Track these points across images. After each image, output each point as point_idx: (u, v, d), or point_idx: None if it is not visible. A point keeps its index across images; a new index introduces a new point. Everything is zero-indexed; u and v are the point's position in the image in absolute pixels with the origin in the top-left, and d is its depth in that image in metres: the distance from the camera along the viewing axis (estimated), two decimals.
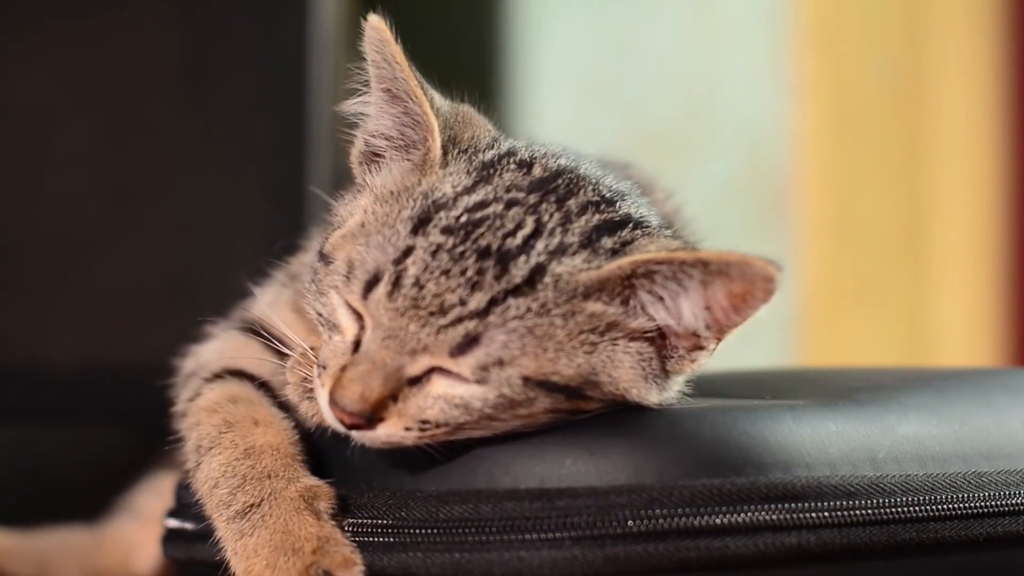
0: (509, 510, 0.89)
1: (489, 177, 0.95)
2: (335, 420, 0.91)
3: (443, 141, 0.97)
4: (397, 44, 0.96)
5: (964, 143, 2.70)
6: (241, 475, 0.95)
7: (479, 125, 1.01)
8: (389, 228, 0.93)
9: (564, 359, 0.90)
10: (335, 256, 0.95)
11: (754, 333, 0.94)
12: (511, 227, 0.91)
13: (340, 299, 0.93)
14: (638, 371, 0.92)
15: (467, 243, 0.90)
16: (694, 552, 0.88)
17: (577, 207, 0.94)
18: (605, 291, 0.91)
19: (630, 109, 2.50)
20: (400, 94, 0.97)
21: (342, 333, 0.93)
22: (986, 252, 2.74)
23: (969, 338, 2.70)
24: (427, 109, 0.96)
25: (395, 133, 0.99)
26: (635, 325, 0.92)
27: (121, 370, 1.11)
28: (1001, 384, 1.06)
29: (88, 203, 1.71)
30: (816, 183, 2.57)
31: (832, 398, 0.98)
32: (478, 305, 0.89)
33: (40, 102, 1.71)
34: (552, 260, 0.91)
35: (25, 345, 1.70)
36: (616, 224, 0.94)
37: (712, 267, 0.89)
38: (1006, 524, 0.95)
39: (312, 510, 0.93)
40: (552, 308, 0.90)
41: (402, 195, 0.95)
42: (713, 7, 2.55)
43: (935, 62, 2.66)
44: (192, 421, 1.02)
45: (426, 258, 0.90)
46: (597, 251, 0.92)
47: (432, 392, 0.90)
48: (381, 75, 0.97)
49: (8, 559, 1.39)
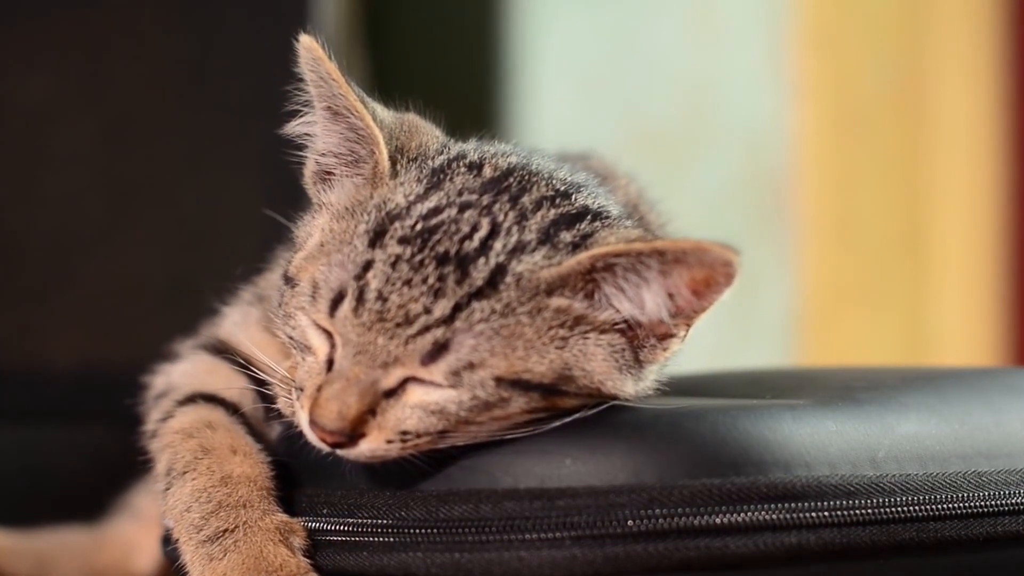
0: (509, 510, 0.89)
1: (440, 183, 0.95)
2: (318, 440, 0.91)
3: (390, 152, 0.97)
4: (332, 61, 0.96)
5: (964, 143, 2.70)
6: (216, 501, 0.95)
7: (426, 132, 1.01)
8: (347, 244, 0.93)
9: (535, 356, 0.90)
10: (299, 278, 0.95)
11: (754, 333, 0.94)
12: (467, 230, 0.91)
13: (308, 320, 0.93)
14: (611, 363, 0.92)
15: (425, 251, 0.90)
16: (694, 552, 0.88)
17: (532, 203, 0.94)
18: (568, 286, 0.91)
19: (630, 109, 2.50)
20: (341, 110, 0.97)
21: (314, 353, 0.93)
22: (986, 252, 2.74)
23: (969, 338, 2.70)
24: (369, 122, 0.96)
25: (342, 149, 0.99)
26: (603, 318, 0.92)
27: (121, 370, 1.11)
28: (1001, 383, 1.06)
29: (88, 203, 1.71)
30: (816, 183, 2.57)
31: (832, 398, 0.98)
32: (443, 312, 0.89)
33: (40, 102, 1.71)
34: (512, 259, 0.91)
35: (25, 345, 1.70)
36: (573, 217, 0.94)
37: (669, 256, 0.89)
38: (1006, 523, 0.95)
39: (287, 544, 0.94)
40: (517, 307, 0.90)
41: (356, 210, 0.95)
42: (713, 7, 2.55)
43: (935, 62, 2.66)
44: (164, 442, 1.01)
45: (386, 270, 0.90)
46: (557, 246, 0.92)
47: (409, 402, 0.90)
48: (320, 94, 0.97)
49: (8, 559, 1.39)
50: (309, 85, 0.98)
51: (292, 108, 0.99)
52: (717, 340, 2.51)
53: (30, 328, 1.70)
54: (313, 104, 0.98)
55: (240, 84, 1.74)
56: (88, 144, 1.71)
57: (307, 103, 0.99)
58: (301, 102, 0.99)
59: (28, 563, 1.40)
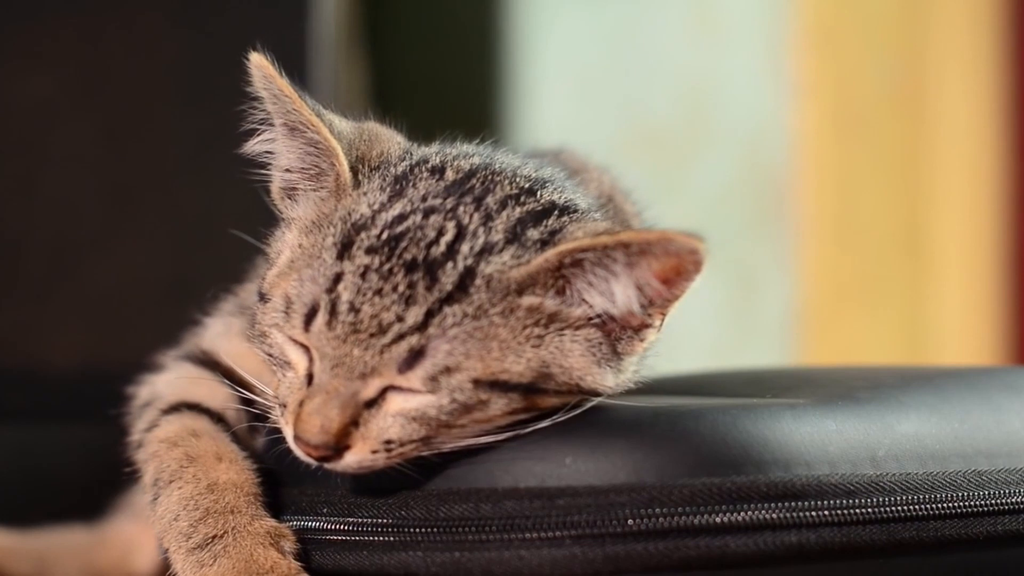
0: (509, 509, 0.89)
1: (404, 189, 0.95)
2: (304, 455, 0.91)
3: (351, 162, 0.96)
4: (283, 78, 0.96)
5: (964, 143, 2.70)
6: (204, 508, 0.95)
7: (387, 139, 1.01)
8: (316, 258, 0.92)
9: (511, 356, 0.90)
10: (272, 295, 0.95)
11: (754, 333, 0.94)
12: (433, 235, 0.91)
13: (284, 336, 0.93)
14: (589, 358, 0.92)
15: (393, 259, 0.90)
16: (694, 551, 0.88)
17: (496, 203, 0.94)
18: (538, 284, 0.91)
19: (630, 108, 2.50)
20: (298, 126, 0.97)
21: (294, 369, 0.93)
22: (986, 252, 2.74)
23: (969, 337, 2.70)
24: (326, 135, 0.96)
25: (304, 164, 0.98)
26: (578, 313, 0.92)
27: (121, 370, 1.11)
28: (1001, 383, 1.06)
29: (88, 203, 1.71)
30: (816, 183, 2.57)
31: (832, 397, 0.98)
32: (416, 319, 0.89)
33: (40, 102, 1.71)
34: (480, 261, 0.90)
35: (25, 345, 1.70)
36: (540, 213, 0.94)
37: (634, 247, 0.89)
38: (1006, 523, 0.95)
39: (277, 547, 0.94)
40: (489, 309, 0.90)
41: (323, 223, 0.95)
42: (713, 6, 2.55)
43: (935, 62, 2.66)
44: (150, 452, 1.02)
45: (356, 281, 0.90)
46: (525, 244, 0.92)
47: (390, 410, 0.90)
48: (275, 111, 0.97)
49: (8, 559, 1.39)
50: (264, 103, 0.97)
51: (250, 127, 0.99)
52: (717, 340, 2.51)
53: (30, 328, 1.70)
54: (269, 121, 0.98)
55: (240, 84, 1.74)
56: (88, 144, 1.71)
57: (264, 121, 0.98)
58: (258, 120, 0.98)
59: (28, 563, 1.40)
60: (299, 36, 1.74)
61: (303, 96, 0.97)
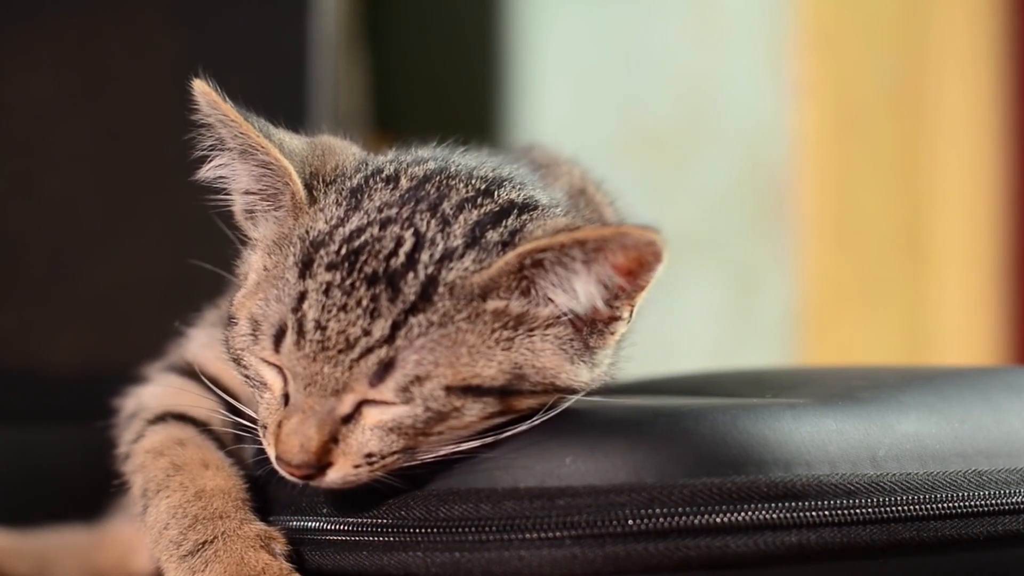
0: (509, 509, 0.89)
1: (359, 202, 0.94)
2: (288, 475, 0.91)
3: (304, 180, 0.96)
4: (227, 102, 0.95)
5: (964, 143, 2.70)
6: (192, 515, 0.95)
7: (342, 152, 1.00)
8: (280, 279, 0.92)
9: (482, 361, 0.90)
10: (239, 317, 0.95)
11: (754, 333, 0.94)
12: (392, 247, 0.91)
13: (256, 358, 0.93)
14: (561, 356, 0.92)
15: (354, 274, 0.90)
16: (694, 551, 0.87)
17: (452, 208, 0.93)
18: (501, 287, 0.90)
19: (630, 109, 2.50)
20: (247, 148, 0.96)
21: (270, 390, 0.93)
22: (986, 252, 2.74)
23: (969, 337, 2.70)
24: (276, 155, 0.95)
25: (259, 186, 0.98)
26: (545, 313, 0.91)
27: (121, 370, 1.11)
28: (1001, 382, 1.06)
29: (88, 203, 1.71)
30: (816, 183, 2.57)
31: (832, 397, 0.98)
32: (382, 332, 0.88)
33: (40, 102, 1.71)
34: (441, 269, 0.90)
35: (25, 345, 1.70)
36: (498, 214, 0.93)
37: (590, 245, 0.89)
38: (1006, 522, 0.95)
39: (268, 549, 0.94)
40: (454, 315, 0.89)
41: (283, 243, 0.95)
42: (713, 7, 2.55)
43: (935, 62, 2.66)
44: (137, 463, 1.02)
45: (320, 299, 0.89)
46: (485, 247, 0.91)
47: (367, 424, 0.90)
48: (224, 136, 0.97)
49: (8, 559, 1.39)
50: (211, 129, 0.97)
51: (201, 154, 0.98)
52: (717, 340, 2.51)
53: (30, 328, 1.70)
54: (219, 147, 0.97)
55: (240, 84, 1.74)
56: (88, 144, 1.71)
57: (213, 147, 0.98)
58: (207, 147, 0.98)
59: (28, 563, 1.40)
60: (299, 36, 1.74)
61: (249, 119, 0.96)
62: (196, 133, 0.97)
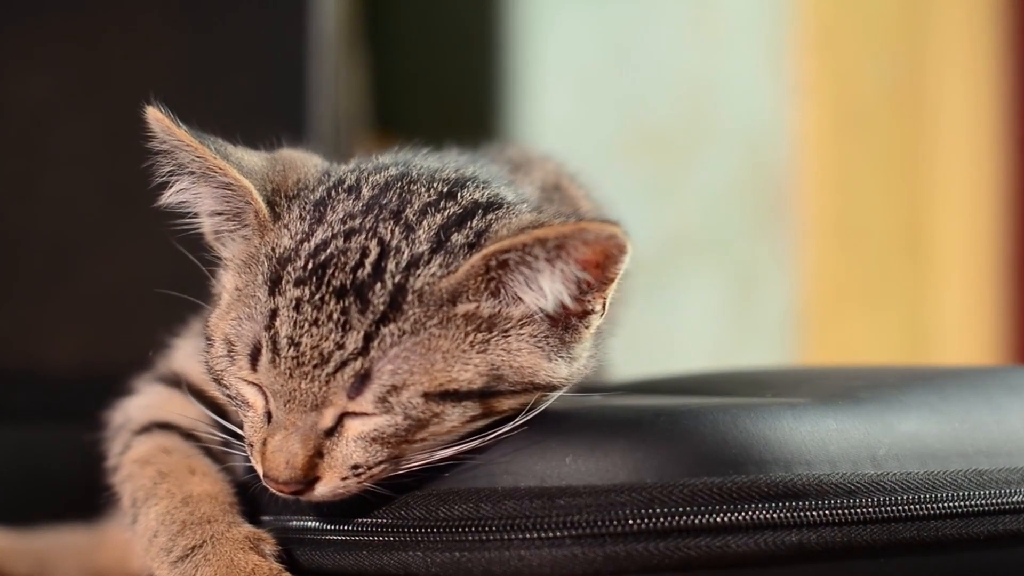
0: (509, 509, 0.89)
1: (323, 215, 0.94)
2: (277, 492, 0.91)
3: (266, 197, 0.95)
4: (181, 127, 0.95)
5: (964, 143, 2.71)
6: (180, 521, 0.96)
7: (303, 165, 0.99)
8: (251, 297, 0.92)
9: (458, 365, 0.89)
10: (214, 338, 0.94)
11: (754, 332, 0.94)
12: (357, 258, 0.90)
13: (235, 378, 0.93)
14: (538, 353, 0.91)
15: (323, 288, 0.89)
16: (695, 551, 0.87)
17: (415, 214, 0.93)
18: (470, 290, 0.90)
19: (630, 109, 2.50)
20: (207, 171, 0.96)
21: (252, 408, 0.93)
22: (986, 252, 2.74)
23: (969, 337, 2.71)
24: (235, 175, 0.95)
25: (223, 207, 0.97)
26: (518, 312, 0.91)
27: (121, 370, 1.11)
28: (1001, 382, 1.06)
29: (88, 203, 1.71)
30: (816, 183, 2.57)
31: (832, 396, 0.98)
32: (355, 344, 0.88)
33: (40, 102, 1.71)
34: (408, 276, 0.90)
35: (25, 345, 1.70)
36: (461, 216, 0.93)
37: (551, 243, 0.88)
38: (1007, 522, 0.95)
39: (257, 551, 0.94)
40: (425, 322, 0.89)
41: (252, 261, 0.94)
42: (713, 7, 2.55)
43: (935, 62, 2.66)
44: (125, 474, 1.02)
45: (292, 315, 0.89)
46: (451, 250, 0.91)
47: (349, 436, 0.89)
48: (181, 161, 0.96)
49: (8, 559, 1.39)
50: (168, 155, 0.96)
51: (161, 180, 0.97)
52: (717, 340, 2.51)
53: (30, 328, 1.70)
54: (179, 171, 0.97)
55: (240, 84, 1.74)
56: (88, 144, 1.71)
57: (173, 172, 0.97)
58: (167, 173, 0.97)
59: (28, 563, 1.40)
60: (299, 36, 1.74)
61: (205, 141, 0.95)
62: (154, 160, 0.96)
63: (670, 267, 2.42)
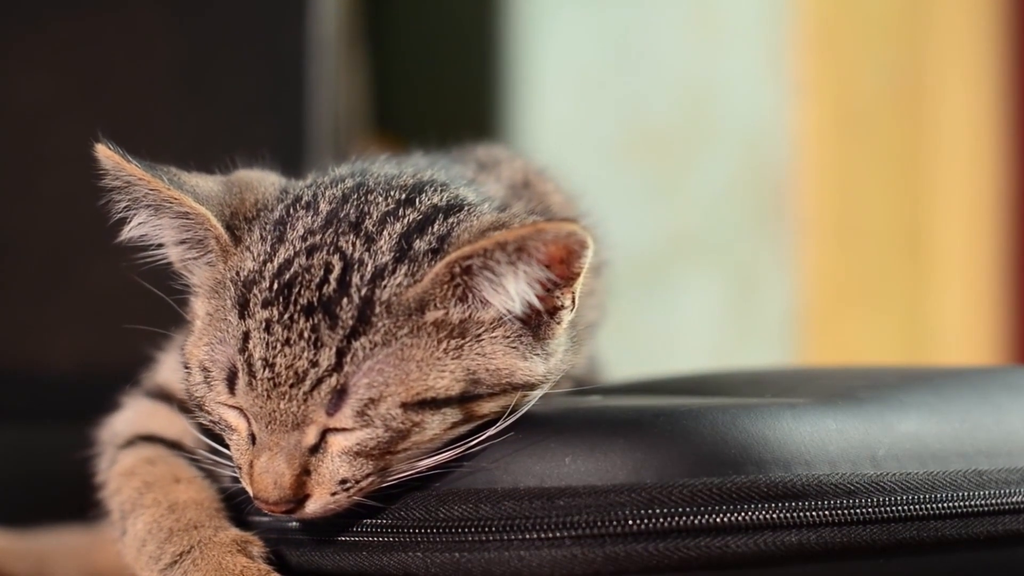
0: (509, 509, 0.89)
1: (283, 234, 0.93)
2: (269, 512, 0.91)
3: (225, 221, 0.95)
4: (131, 162, 0.94)
5: (964, 143, 2.71)
6: (167, 529, 0.96)
7: (260, 185, 0.99)
8: (223, 321, 0.92)
9: (433, 373, 0.89)
10: (190, 364, 0.94)
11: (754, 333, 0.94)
12: (321, 274, 0.90)
13: (214, 403, 0.93)
14: (513, 354, 0.91)
15: (291, 307, 0.89)
16: (694, 551, 0.87)
17: (375, 224, 0.92)
18: (437, 298, 0.90)
19: (630, 109, 2.50)
20: (161, 202, 0.95)
21: (236, 431, 0.93)
22: (986, 252, 2.74)
23: (969, 337, 2.71)
24: (190, 203, 0.94)
25: (185, 236, 0.97)
26: (488, 316, 0.91)
27: (121, 370, 1.11)
28: (1001, 382, 1.06)
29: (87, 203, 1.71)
30: (816, 183, 2.57)
31: (832, 396, 0.98)
32: (329, 361, 0.88)
33: (40, 102, 1.71)
34: (374, 289, 0.89)
35: (25, 345, 1.70)
36: (422, 222, 0.93)
37: (511, 246, 0.88)
38: (1006, 522, 0.95)
39: (245, 553, 0.94)
40: (396, 333, 0.89)
41: (219, 287, 0.94)
42: (713, 7, 2.55)
43: (935, 62, 2.66)
44: (112, 488, 1.02)
45: (263, 336, 0.89)
46: (415, 258, 0.91)
47: (333, 452, 0.90)
48: (135, 195, 0.95)
49: (8, 559, 1.39)
50: (122, 192, 0.96)
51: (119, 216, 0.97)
52: (717, 340, 2.51)
53: (30, 328, 1.70)
54: (136, 206, 0.96)
55: (239, 84, 1.74)
56: (88, 144, 1.71)
57: (129, 207, 0.96)
58: (123, 208, 0.97)
59: (28, 563, 1.40)
60: (299, 36, 1.74)
61: (157, 173, 0.95)
62: (109, 198, 0.96)
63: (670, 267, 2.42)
